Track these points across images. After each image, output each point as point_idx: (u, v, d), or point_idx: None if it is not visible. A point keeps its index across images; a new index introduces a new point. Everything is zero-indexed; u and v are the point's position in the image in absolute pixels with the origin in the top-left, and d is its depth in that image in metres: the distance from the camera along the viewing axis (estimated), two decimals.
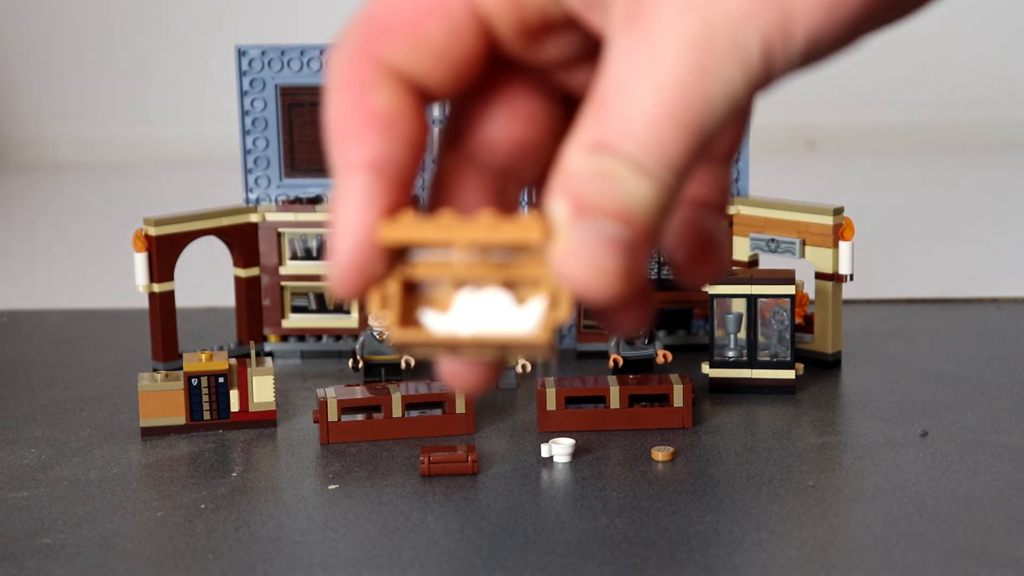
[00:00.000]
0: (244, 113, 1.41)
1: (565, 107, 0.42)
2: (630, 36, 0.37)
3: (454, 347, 0.39)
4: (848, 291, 1.38)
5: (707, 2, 0.36)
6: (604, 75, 0.37)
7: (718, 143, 0.39)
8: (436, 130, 0.41)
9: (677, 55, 0.36)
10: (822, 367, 1.33)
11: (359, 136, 0.38)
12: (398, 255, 0.39)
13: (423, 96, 0.39)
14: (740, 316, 1.27)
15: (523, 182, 0.42)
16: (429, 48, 0.39)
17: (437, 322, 0.39)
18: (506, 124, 0.41)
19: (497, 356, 0.39)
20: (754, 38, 0.36)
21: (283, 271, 1.40)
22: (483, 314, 0.38)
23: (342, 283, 0.39)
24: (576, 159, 0.37)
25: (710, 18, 0.36)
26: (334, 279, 0.39)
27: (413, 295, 0.39)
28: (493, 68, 0.41)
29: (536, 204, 0.42)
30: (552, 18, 0.39)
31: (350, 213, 0.38)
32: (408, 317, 0.39)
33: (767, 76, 0.37)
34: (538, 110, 0.42)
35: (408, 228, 0.38)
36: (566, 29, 0.40)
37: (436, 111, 0.42)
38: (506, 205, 0.41)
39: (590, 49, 0.40)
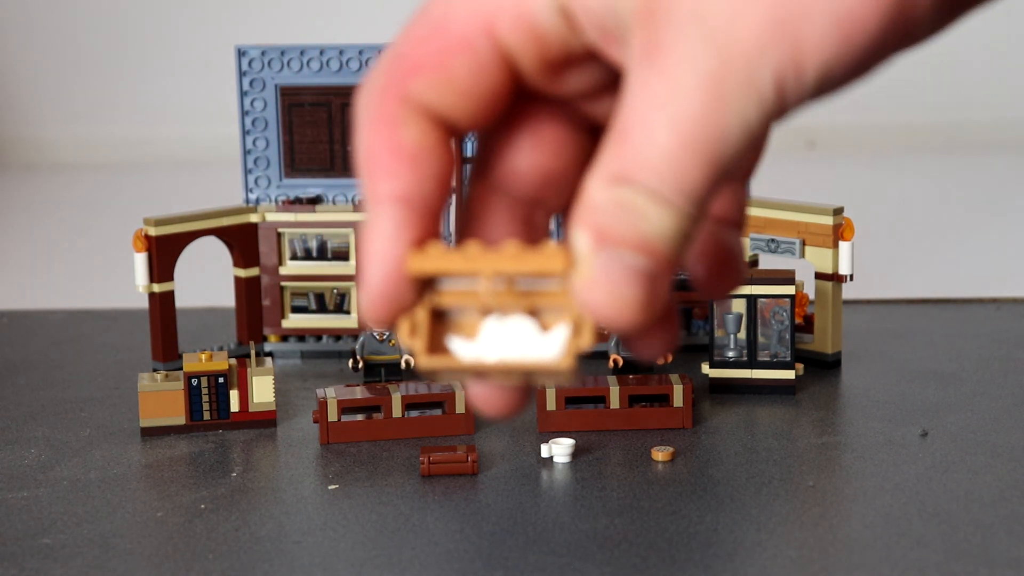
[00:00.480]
0: (244, 113, 1.41)
1: (590, 135, 0.43)
2: (648, 69, 0.38)
3: (480, 373, 0.40)
4: (848, 291, 1.38)
5: (722, 37, 0.37)
6: (623, 108, 0.38)
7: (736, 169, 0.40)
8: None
9: (693, 89, 0.37)
10: (822, 367, 1.33)
11: (388, 170, 0.40)
12: (426, 283, 0.40)
13: (450, 130, 0.40)
14: (740, 316, 1.27)
15: (551, 210, 0.43)
16: (455, 84, 0.40)
17: (464, 348, 0.40)
18: (532, 154, 0.42)
19: (523, 381, 0.41)
20: (767, 72, 0.37)
21: (283, 271, 1.40)
22: (508, 341, 0.40)
23: (373, 312, 0.40)
24: (597, 191, 0.38)
25: (725, 52, 0.37)
26: (366, 308, 0.40)
27: (440, 322, 0.41)
28: (518, 100, 0.42)
29: (565, 234, 0.42)
30: (573, 52, 0.40)
31: (380, 244, 0.40)
32: (436, 344, 0.40)
33: (781, 108, 0.38)
34: (563, 139, 0.43)
35: (436, 259, 0.39)
36: (587, 62, 0.41)
37: (465, 144, 0.43)
38: (535, 233, 0.43)
39: (612, 80, 0.41)
